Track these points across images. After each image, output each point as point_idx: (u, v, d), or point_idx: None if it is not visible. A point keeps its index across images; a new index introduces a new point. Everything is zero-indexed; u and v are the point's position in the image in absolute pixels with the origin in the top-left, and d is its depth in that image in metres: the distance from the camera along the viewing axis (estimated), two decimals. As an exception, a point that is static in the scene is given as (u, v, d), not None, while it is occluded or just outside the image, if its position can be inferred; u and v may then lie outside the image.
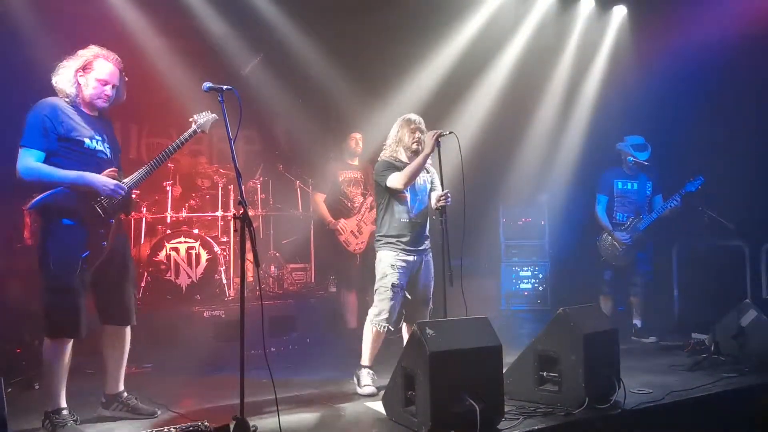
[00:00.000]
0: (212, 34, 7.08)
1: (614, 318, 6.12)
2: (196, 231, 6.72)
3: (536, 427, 3.78)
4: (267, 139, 8.69)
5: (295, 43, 7.52)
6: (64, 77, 3.85)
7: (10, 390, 4.51)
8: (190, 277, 6.43)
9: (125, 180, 3.95)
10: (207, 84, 3.79)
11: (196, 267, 6.47)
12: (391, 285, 4.55)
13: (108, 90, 3.92)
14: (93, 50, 3.92)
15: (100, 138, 3.94)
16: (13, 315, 5.52)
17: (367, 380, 4.60)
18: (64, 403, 3.84)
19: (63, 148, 3.79)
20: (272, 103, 7.89)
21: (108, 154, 3.98)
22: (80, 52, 3.91)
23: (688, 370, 5.18)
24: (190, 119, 4.10)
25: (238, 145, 3.74)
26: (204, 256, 6.50)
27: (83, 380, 4.88)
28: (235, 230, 3.52)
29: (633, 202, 6.58)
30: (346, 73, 7.80)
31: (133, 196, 4.52)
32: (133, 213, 4.22)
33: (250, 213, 3.57)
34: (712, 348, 5.45)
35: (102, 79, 3.89)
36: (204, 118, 4.11)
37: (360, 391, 4.59)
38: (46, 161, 3.76)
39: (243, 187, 3.68)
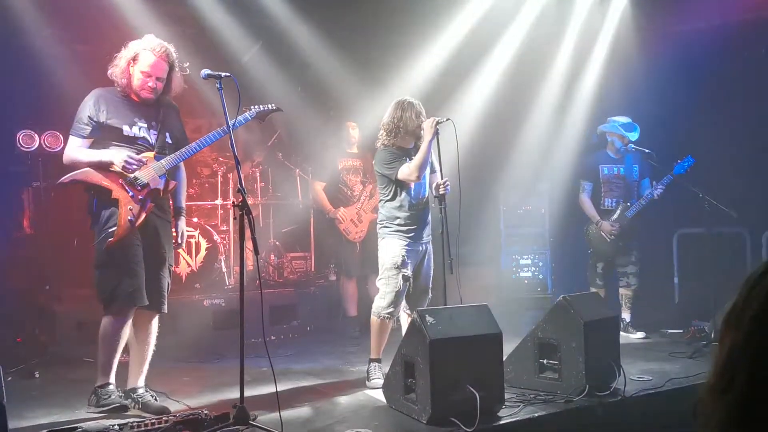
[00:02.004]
0: (211, 21, 7.03)
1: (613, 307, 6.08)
2: (195, 219, 6.71)
3: (536, 415, 3.79)
4: (266, 127, 8.64)
5: (295, 31, 7.46)
6: (118, 68, 3.95)
7: (9, 378, 4.52)
8: (189, 265, 6.42)
9: (162, 161, 3.96)
10: (205, 71, 3.80)
11: (196, 255, 6.47)
12: (402, 276, 4.49)
13: (151, 82, 3.95)
14: (143, 42, 3.98)
15: (145, 125, 4.01)
16: (14, 304, 5.52)
17: (376, 374, 4.54)
18: (112, 379, 3.94)
19: (104, 135, 3.94)
20: (271, 90, 7.84)
21: (151, 140, 4.03)
22: (131, 44, 3.98)
23: (688, 357, 5.19)
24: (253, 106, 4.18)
25: (236, 133, 3.72)
26: (203, 244, 6.50)
27: (82, 369, 4.89)
28: (235, 218, 3.52)
29: (621, 186, 6.31)
30: (346, 60, 7.76)
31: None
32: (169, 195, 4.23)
33: (250, 201, 3.56)
34: (713, 335, 5.45)
35: (145, 71, 3.93)
36: (257, 109, 4.17)
37: (369, 384, 4.53)
38: (91, 147, 3.94)
39: (242, 175, 3.68)
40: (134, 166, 3.88)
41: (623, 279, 6.34)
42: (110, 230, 3.85)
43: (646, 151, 6.14)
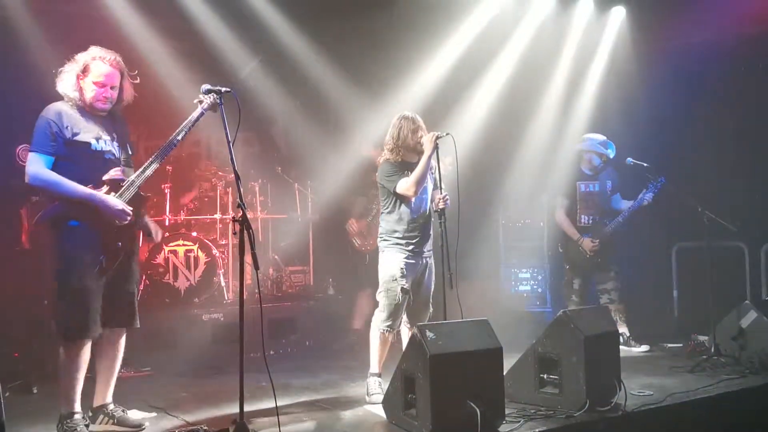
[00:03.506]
0: (210, 36, 7.06)
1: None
2: (194, 234, 6.70)
3: (537, 430, 3.78)
4: (265, 141, 8.67)
5: (294, 46, 7.50)
6: (67, 82, 3.84)
7: (8, 394, 4.49)
8: (188, 280, 6.41)
9: (131, 177, 3.90)
10: (205, 86, 3.79)
11: (195, 270, 6.45)
12: (401, 289, 4.50)
13: (106, 92, 3.87)
14: (91, 53, 3.88)
15: (108, 138, 3.92)
16: (12, 318, 5.50)
17: (376, 389, 4.51)
18: (78, 407, 3.84)
19: (71, 151, 3.79)
20: (271, 105, 7.87)
21: (116, 153, 3.96)
22: (78, 56, 3.88)
23: (688, 371, 5.18)
24: (195, 101, 3.92)
25: (236, 148, 3.72)
26: (202, 258, 6.48)
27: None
28: (235, 233, 3.50)
29: (596, 203, 6.35)
30: (345, 75, 7.79)
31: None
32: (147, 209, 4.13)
33: (249, 215, 3.54)
34: (713, 349, 5.44)
35: (98, 81, 3.84)
36: (210, 99, 3.86)
37: (368, 399, 4.50)
38: (55, 165, 3.77)
39: (242, 189, 3.66)
40: (124, 219, 3.79)
41: (604, 296, 6.31)
42: (101, 259, 3.76)
43: (645, 164, 6.16)
